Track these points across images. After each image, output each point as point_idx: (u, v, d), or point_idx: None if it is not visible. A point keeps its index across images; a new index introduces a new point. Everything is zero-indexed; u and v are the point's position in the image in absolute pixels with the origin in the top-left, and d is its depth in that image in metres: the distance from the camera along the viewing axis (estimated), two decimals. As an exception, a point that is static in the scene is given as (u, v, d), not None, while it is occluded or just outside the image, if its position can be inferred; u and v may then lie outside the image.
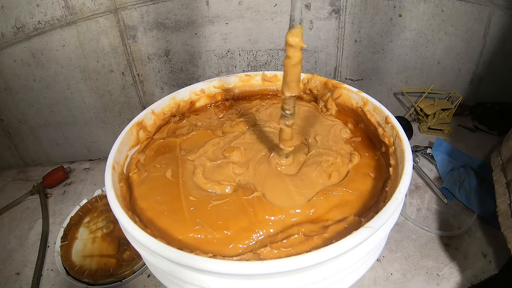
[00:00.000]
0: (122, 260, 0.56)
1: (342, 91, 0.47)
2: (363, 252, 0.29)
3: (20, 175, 0.81)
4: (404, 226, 0.62)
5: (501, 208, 0.51)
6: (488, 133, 0.84)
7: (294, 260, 0.25)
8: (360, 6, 0.73)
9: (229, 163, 0.40)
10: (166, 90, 0.79)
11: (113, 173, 0.36)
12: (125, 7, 0.67)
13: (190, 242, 0.31)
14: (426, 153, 0.77)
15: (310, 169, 0.39)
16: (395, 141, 0.38)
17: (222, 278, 0.27)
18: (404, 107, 0.92)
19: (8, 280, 0.57)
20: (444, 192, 0.67)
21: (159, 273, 0.34)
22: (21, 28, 0.66)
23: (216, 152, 0.42)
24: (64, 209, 0.70)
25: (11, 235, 0.65)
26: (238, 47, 0.76)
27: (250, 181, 0.38)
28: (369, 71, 0.83)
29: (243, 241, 0.31)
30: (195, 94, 0.51)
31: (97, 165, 0.82)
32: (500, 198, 0.52)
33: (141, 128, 0.44)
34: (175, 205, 0.35)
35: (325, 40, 0.77)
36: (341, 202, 0.34)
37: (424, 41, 0.79)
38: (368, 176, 0.38)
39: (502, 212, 0.50)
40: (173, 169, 0.39)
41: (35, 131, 0.80)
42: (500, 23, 0.77)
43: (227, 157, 0.41)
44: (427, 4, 0.74)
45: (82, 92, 0.76)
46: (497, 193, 0.53)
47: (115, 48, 0.71)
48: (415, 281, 0.53)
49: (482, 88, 0.88)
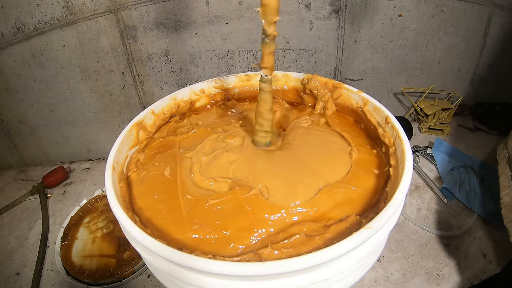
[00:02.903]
0: (122, 260, 0.56)
1: (342, 91, 0.47)
2: (364, 253, 0.29)
3: (20, 175, 0.81)
4: (404, 226, 0.62)
5: (505, 200, 0.50)
6: (488, 133, 0.84)
7: (295, 261, 0.25)
8: (360, 6, 0.73)
9: (223, 152, 0.40)
10: (166, 90, 0.79)
11: (113, 173, 0.36)
12: (125, 7, 0.67)
13: (189, 242, 0.31)
14: (426, 153, 0.77)
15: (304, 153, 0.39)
16: (395, 141, 0.38)
17: (223, 279, 0.27)
18: (404, 107, 0.92)
19: (8, 280, 0.57)
20: (444, 192, 0.67)
21: (159, 273, 0.34)
22: (21, 28, 0.65)
23: (214, 145, 0.42)
24: (64, 209, 0.70)
25: (11, 235, 0.65)
26: (238, 47, 0.76)
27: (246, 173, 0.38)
28: (369, 71, 0.83)
29: (243, 241, 0.31)
30: (195, 94, 0.51)
31: (97, 165, 0.82)
32: (504, 190, 0.51)
33: (141, 128, 0.44)
34: (173, 204, 0.35)
35: (325, 40, 0.77)
36: (344, 199, 0.34)
37: (424, 41, 0.79)
38: (371, 172, 0.37)
39: (506, 204, 0.49)
40: (171, 167, 0.39)
41: (35, 131, 0.80)
42: (500, 23, 0.77)
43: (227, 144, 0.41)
44: (427, 4, 0.74)
45: (82, 92, 0.76)
46: (501, 185, 0.52)
47: (115, 48, 0.71)
48: (415, 281, 0.53)
49: (482, 88, 0.88)
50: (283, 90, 0.53)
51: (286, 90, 0.53)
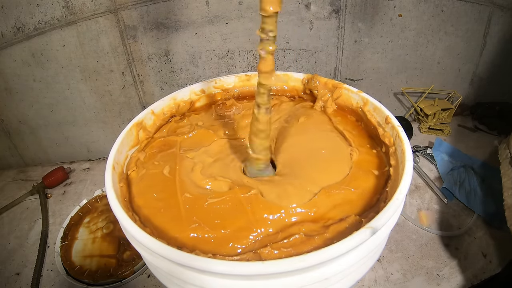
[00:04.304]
0: (122, 260, 0.56)
1: (342, 91, 0.47)
2: (364, 252, 0.29)
3: (20, 175, 0.81)
4: (404, 226, 0.62)
5: (508, 202, 0.49)
6: (488, 133, 0.84)
7: (295, 261, 0.25)
8: (360, 6, 0.73)
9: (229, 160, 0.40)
10: (166, 90, 0.79)
11: (113, 173, 0.36)
12: (125, 7, 0.67)
13: (188, 241, 0.31)
14: (426, 153, 0.77)
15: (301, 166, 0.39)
16: (396, 141, 0.38)
17: (223, 278, 0.27)
18: (404, 107, 0.92)
19: (8, 280, 0.57)
20: (444, 192, 0.67)
21: (159, 273, 0.34)
22: (21, 28, 0.65)
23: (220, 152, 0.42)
24: (64, 209, 0.70)
25: (11, 235, 0.65)
26: (238, 47, 0.76)
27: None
28: (369, 71, 0.83)
29: (242, 241, 0.31)
30: (195, 94, 0.51)
31: (97, 165, 0.82)
32: (507, 192, 0.51)
33: (141, 128, 0.44)
34: (172, 202, 0.35)
35: (325, 40, 0.77)
36: (343, 200, 0.34)
37: (424, 41, 0.79)
38: (371, 173, 0.37)
39: (510, 206, 0.49)
40: (171, 166, 0.39)
41: (35, 131, 0.80)
42: (500, 23, 0.77)
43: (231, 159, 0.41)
44: (427, 4, 0.74)
45: (82, 92, 0.76)
46: (505, 187, 0.52)
47: (115, 48, 0.71)
48: (415, 281, 0.53)
49: (482, 88, 0.88)
50: (283, 90, 0.54)
51: (286, 90, 0.53)
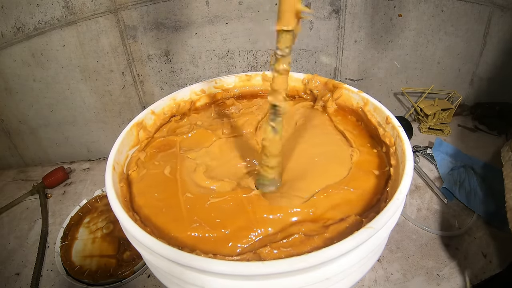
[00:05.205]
0: (122, 260, 0.56)
1: (342, 91, 0.47)
2: (364, 252, 0.29)
3: (20, 175, 0.81)
4: (404, 226, 0.62)
5: (510, 204, 0.49)
6: (488, 133, 0.84)
7: (295, 261, 0.25)
8: (360, 6, 0.73)
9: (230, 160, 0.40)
10: (166, 90, 0.79)
11: (114, 173, 0.36)
12: (125, 7, 0.67)
13: (188, 241, 0.31)
14: (426, 153, 0.77)
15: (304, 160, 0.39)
16: (396, 141, 0.38)
17: (224, 278, 0.27)
18: (404, 107, 0.92)
19: (8, 280, 0.57)
20: (444, 192, 0.67)
21: (159, 273, 0.34)
22: (21, 28, 0.65)
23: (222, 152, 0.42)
24: (64, 209, 0.70)
25: (11, 235, 0.65)
26: (238, 47, 0.76)
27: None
28: (369, 71, 0.83)
29: (242, 240, 0.31)
30: (195, 94, 0.51)
31: (97, 165, 0.82)
32: (509, 194, 0.51)
33: (141, 128, 0.44)
34: (173, 202, 0.35)
35: (325, 40, 0.77)
36: (343, 200, 0.34)
37: (424, 41, 0.79)
38: (371, 173, 0.37)
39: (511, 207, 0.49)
40: (171, 166, 0.39)
41: (35, 131, 0.80)
42: (500, 23, 0.77)
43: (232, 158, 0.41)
44: (427, 4, 0.74)
45: (82, 92, 0.75)
46: (507, 189, 0.52)
47: (115, 48, 0.71)
48: (415, 281, 0.53)
49: (482, 88, 0.88)
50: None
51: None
